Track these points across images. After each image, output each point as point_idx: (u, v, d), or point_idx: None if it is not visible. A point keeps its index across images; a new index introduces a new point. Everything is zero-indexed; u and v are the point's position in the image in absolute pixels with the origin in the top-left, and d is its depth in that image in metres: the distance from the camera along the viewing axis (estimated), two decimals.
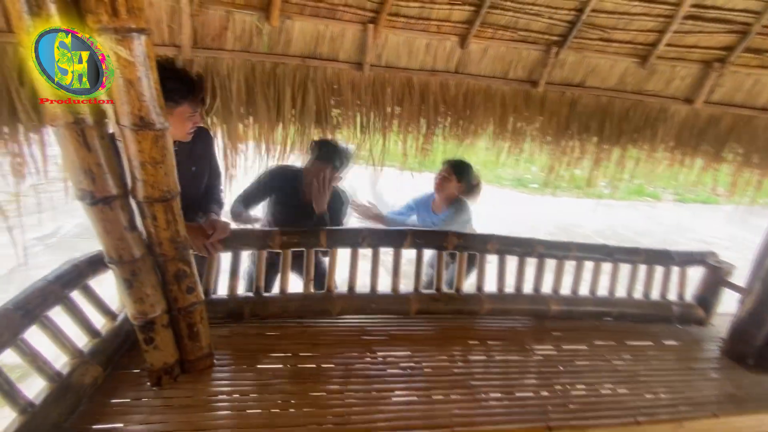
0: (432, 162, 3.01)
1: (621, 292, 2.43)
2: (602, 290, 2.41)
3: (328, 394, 1.64)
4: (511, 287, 2.31)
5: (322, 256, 2.32)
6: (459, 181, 2.46)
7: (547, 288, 2.35)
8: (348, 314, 2.09)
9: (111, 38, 1.02)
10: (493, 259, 2.31)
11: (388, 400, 1.64)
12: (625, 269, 2.44)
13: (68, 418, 1.38)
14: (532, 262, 2.32)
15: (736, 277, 2.42)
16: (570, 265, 2.38)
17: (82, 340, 1.59)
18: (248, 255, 2.25)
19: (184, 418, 1.46)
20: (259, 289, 2.02)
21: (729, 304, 2.40)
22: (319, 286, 2.12)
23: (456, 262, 2.24)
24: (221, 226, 1.78)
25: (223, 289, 2.03)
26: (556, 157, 2.86)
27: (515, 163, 3.09)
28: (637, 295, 2.46)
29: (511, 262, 2.30)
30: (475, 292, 2.24)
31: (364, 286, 2.16)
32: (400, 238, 2.13)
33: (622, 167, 2.87)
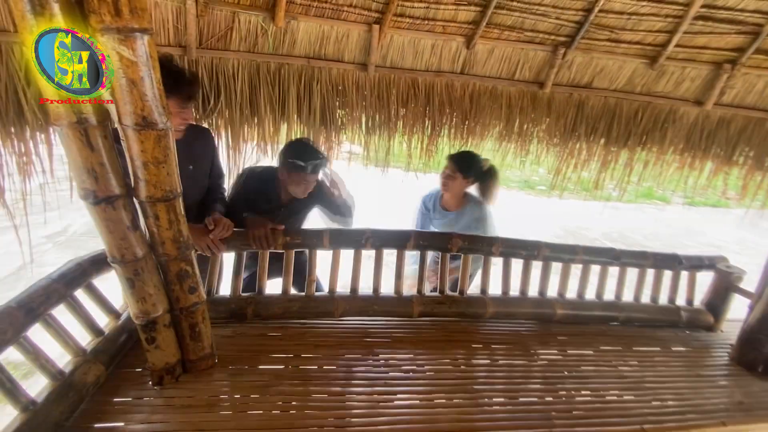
0: (437, 163, 2.99)
1: (628, 297, 2.39)
2: (609, 294, 2.38)
3: (330, 396, 1.63)
4: (516, 290, 2.29)
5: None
6: (465, 177, 2.26)
7: (553, 291, 2.32)
8: (350, 316, 2.08)
9: (114, 38, 1.03)
10: (497, 262, 2.28)
11: (390, 403, 1.62)
12: (632, 273, 2.40)
13: (70, 417, 1.38)
14: (537, 265, 2.30)
15: (746, 283, 2.37)
16: (576, 269, 2.35)
17: (86, 339, 1.61)
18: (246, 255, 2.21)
19: (185, 418, 1.46)
20: (260, 289, 2.02)
21: (739, 309, 2.35)
22: (301, 283, 2.11)
23: (461, 264, 2.22)
24: (223, 224, 1.78)
25: (226, 289, 2.03)
26: (563, 159, 2.83)
27: (522, 165, 3.06)
28: (645, 300, 2.42)
29: (516, 264, 2.27)
30: (479, 295, 2.22)
31: (368, 287, 2.15)
32: (403, 240, 2.12)
33: (630, 170, 2.83)
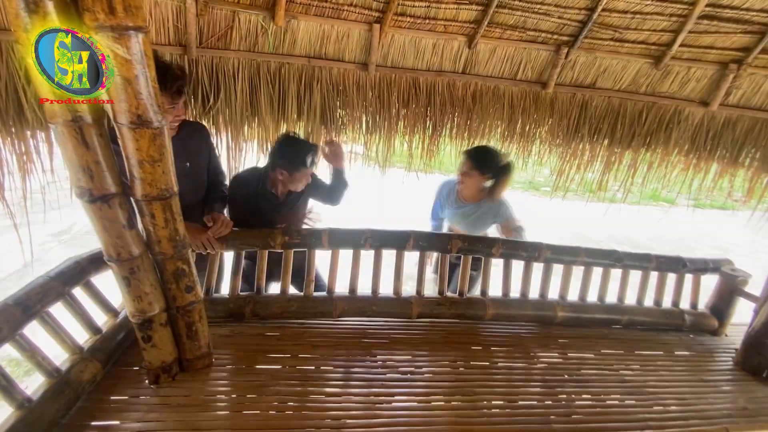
0: (439, 163, 2.97)
1: (631, 300, 2.36)
2: (611, 297, 2.35)
3: (327, 397, 1.62)
4: (516, 292, 2.27)
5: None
6: (482, 174, 2.22)
7: (554, 294, 2.30)
8: (349, 316, 2.07)
9: (108, 36, 1.02)
10: (498, 263, 2.26)
11: (387, 405, 1.61)
12: (635, 276, 2.37)
13: (66, 415, 1.38)
14: (538, 267, 2.28)
15: (752, 286, 2.33)
16: (578, 271, 2.32)
17: (84, 337, 1.61)
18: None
19: (181, 417, 1.46)
20: (259, 289, 2.02)
21: (744, 313, 2.31)
22: (299, 285, 2.12)
23: (460, 266, 2.20)
24: (221, 222, 1.78)
25: (225, 288, 2.03)
26: (567, 160, 2.80)
27: (524, 166, 3.03)
28: (648, 303, 2.39)
29: (517, 266, 2.25)
30: (479, 297, 2.20)
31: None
32: (402, 240, 2.11)
33: (634, 171, 2.79)
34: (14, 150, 1.76)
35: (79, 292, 1.59)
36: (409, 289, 2.21)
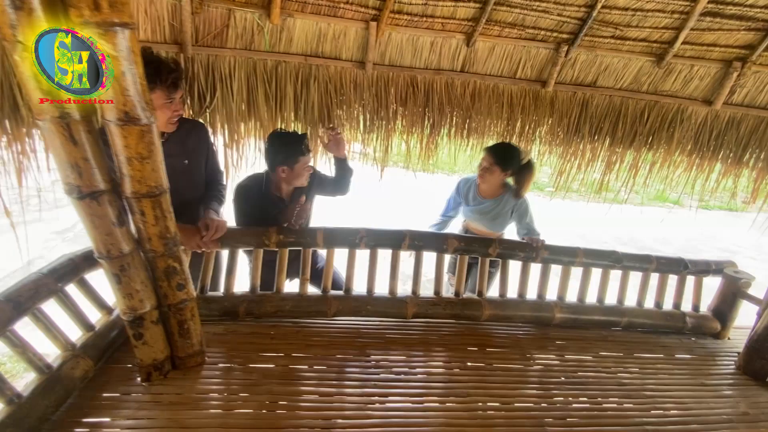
0: (437, 163, 2.95)
1: (631, 301, 2.33)
2: (611, 299, 2.31)
3: (319, 397, 1.61)
4: (513, 293, 2.25)
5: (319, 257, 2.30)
6: (503, 170, 2.20)
7: (552, 295, 2.27)
8: (343, 316, 2.06)
9: (93, 33, 1.02)
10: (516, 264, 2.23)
11: (380, 405, 1.60)
12: (636, 277, 2.33)
13: (56, 411, 1.39)
14: (537, 267, 2.25)
15: (757, 289, 2.28)
16: (577, 271, 2.29)
17: (78, 334, 1.61)
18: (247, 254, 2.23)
19: (171, 415, 1.46)
20: (254, 287, 2.01)
21: (748, 316, 2.26)
22: (317, 282, 2.11)
23: (478, 265, 2.20)
24: (216, 225, 1.77)
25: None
26: (567, 159, 2.77)
27: None
28: (649, 305, 2.35)
29: (515, 266, 2.23)
30: (475, 297, 2.18)
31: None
32: (398, 239, 2.09)
33: (635, 171, 2.75)
34: (11, 149, 1.77)
35: (73, 290, 1.60)
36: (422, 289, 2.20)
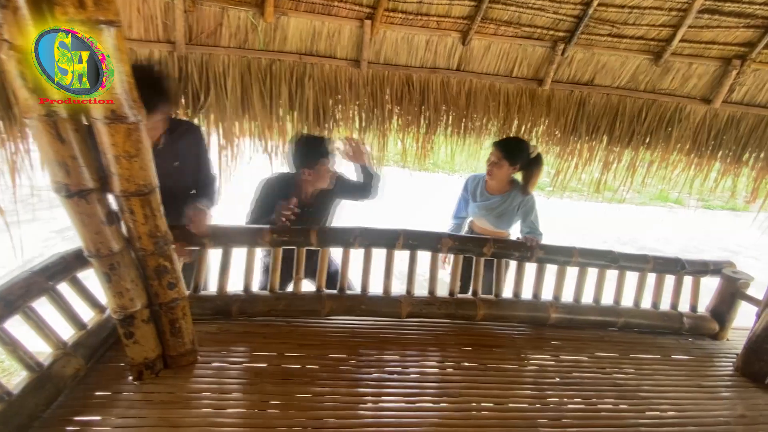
0: (437, 163, 2.93)
1: (628, 302, 2.30)
2: (608, 299, 2.29)
3: (311, 396, 1.61)
4: (509, 292, 2.23)
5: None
6: (512, 165, 2.17)
7: (548, 294, 2.25)
8: (337, 315, 2.05)
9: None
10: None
11: (373, 405, 1.60)
12: (633, 277, 2.31)
13: (46, 409, 1.39)
14: (532, 266, 2.23)
15: (757, 289, 2.26)
16: (574, 271, 2.27)
17: (70, 332, 1.61)
18: (262, 252, 2.21)
19: (162, 414, 1.46)
20: (247, 286, 2.01)
21: (746, 317, 2.24)
22: (332, 286, 2.11)
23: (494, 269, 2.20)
24: (197, 221, 1.78)
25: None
26: (564, 159, 2.75)
27: None
28: (646, 305, 2.33)
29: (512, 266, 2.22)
30: (469, 297, 2.17)
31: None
32: (392, 239, 2.08)
33: (633, 171, 2.73)
34: (4, 148, 1.77)
35: (64, 288, 1.60)
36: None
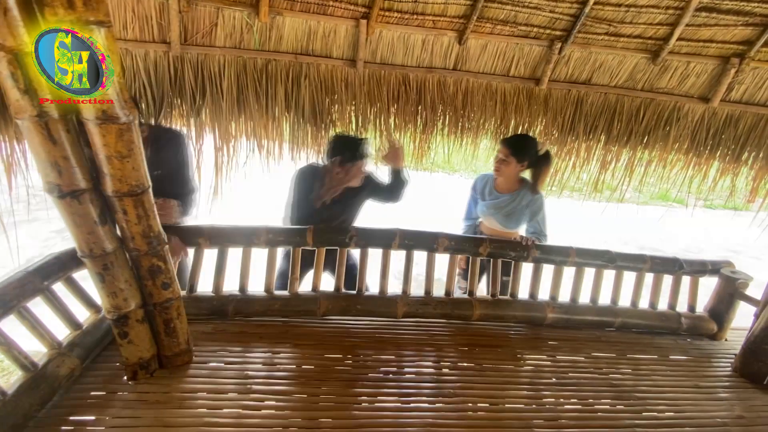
0: (434, 162, 2.93)
1: (626, 302, 2.29)
2: (605, 298, 2.28)
3: (307, 396, 1.61)
4: (505, 292, 2.23)
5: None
6: (519, 162, 2.15)
7: (544, 294, 2.24)
8: (333, 315, 2.05)
9: None
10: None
11: (367, 405, 1.59)
12: (630, 277, 2.30)
13: (41, 409, 1.39)
14: (528, 266, 2.23)
15: (756, 289, 2.24)
16: (571, 270, 2.26)
17: (66, 332, 1.62)
18: (282, 253, 2.23)
19: (156, 414, 1.46)
20: (243, 287, 2.01)
21: (745, 317, 2.22)
22: (350, 283, 2.11)
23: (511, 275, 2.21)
24: (166, 212, 1.81)
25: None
26: (562, 158, 2.74)
27: None
28: (644, 305, 2.31)
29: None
30: (465, 297, 2.17)
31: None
32: (388, 239, 2.08)
33: (631, 170, 2.71)
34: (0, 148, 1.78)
35: (59, 288, 1.60)
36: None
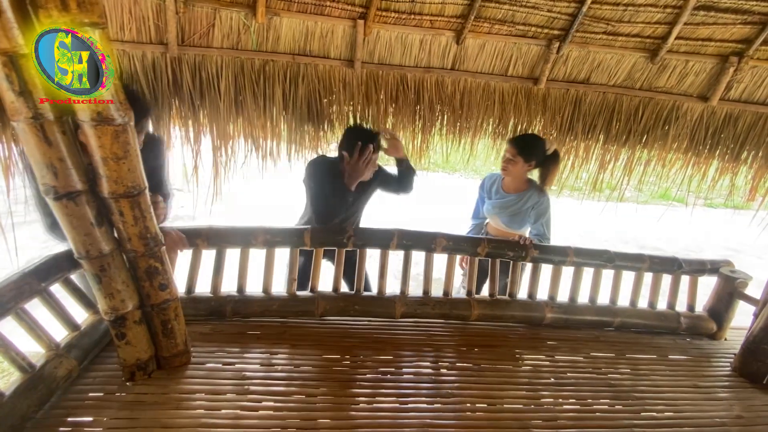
0: (434, 162, 2.93)
1: (624, 301, 2.29)
2: (604, 298, 2.28)
3: (305, 397, 1.60)
4: (504, 292, 2.22)
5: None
6: (527, 161, 2.16)
7: (543, 294, 2.24)
8: (331, 315, 2.05)
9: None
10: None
11: (365, 406, 1.59)
12: (629, 277, 2.29)
13: (38, 410, 1.39)
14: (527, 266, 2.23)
15: (756, 289, 2.23)
16: (569, 270, 2.26)
17: (63, 334, 1.62)
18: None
19: (154, 415, 1.46)
20: (241, 287, 2.01)
21: (744, 317, 2.22)
22: (350, 270, 2.12)
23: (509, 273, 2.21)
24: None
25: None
26: (560, 158, 2.72)
27: None
28: (643, 305, 2.31)
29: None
30: (464, 297, 2.16)
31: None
32: (386, 239, 2.08)
33: (630, 169, 2.71)
34: None
35: (56, 289, 1.60)
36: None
